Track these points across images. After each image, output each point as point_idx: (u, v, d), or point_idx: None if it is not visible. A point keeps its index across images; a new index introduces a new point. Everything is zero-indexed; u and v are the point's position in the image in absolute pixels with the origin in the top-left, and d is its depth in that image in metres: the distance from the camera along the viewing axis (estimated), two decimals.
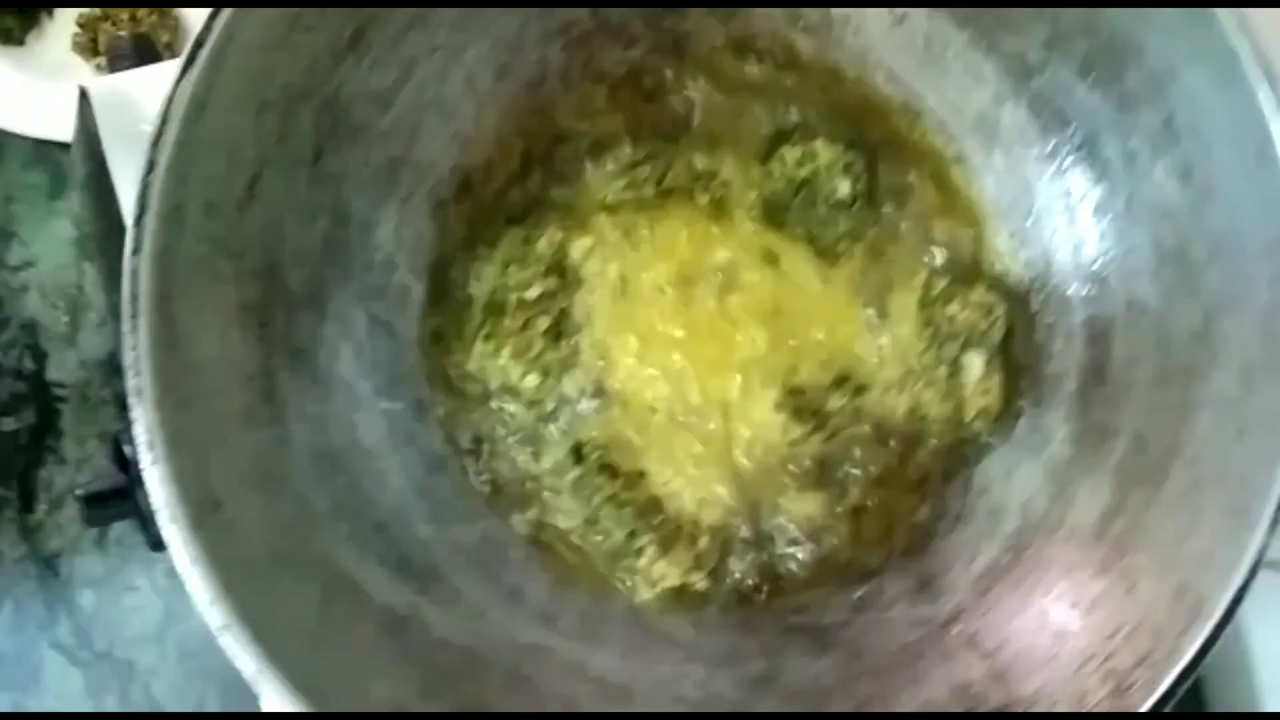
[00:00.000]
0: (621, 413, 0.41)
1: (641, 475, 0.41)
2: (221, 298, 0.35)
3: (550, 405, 0.41)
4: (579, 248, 0.42)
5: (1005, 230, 0.43)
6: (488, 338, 0.41)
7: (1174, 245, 0.39)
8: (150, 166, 0.32)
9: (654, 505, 0.41)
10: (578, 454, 0.41)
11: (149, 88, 0.47)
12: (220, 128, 0.34)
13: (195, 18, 0.61)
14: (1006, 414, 0.42)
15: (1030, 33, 0.40)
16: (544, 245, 0.41)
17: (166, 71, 0.47)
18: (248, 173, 0.36)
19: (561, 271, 0.42)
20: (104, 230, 0.50)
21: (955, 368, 0.42)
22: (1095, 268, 0.41)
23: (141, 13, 0.59)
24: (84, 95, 0.47)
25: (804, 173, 0.42)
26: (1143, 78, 0.38)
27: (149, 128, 0.43)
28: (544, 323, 0.41)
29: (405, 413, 0.40)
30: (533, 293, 0.41)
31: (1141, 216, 0.40)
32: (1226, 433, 0.37)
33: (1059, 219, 0.42)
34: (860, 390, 0.42)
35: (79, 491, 0.47)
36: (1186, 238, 0.38)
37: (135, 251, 0.32)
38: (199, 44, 0.32)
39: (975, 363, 0.42)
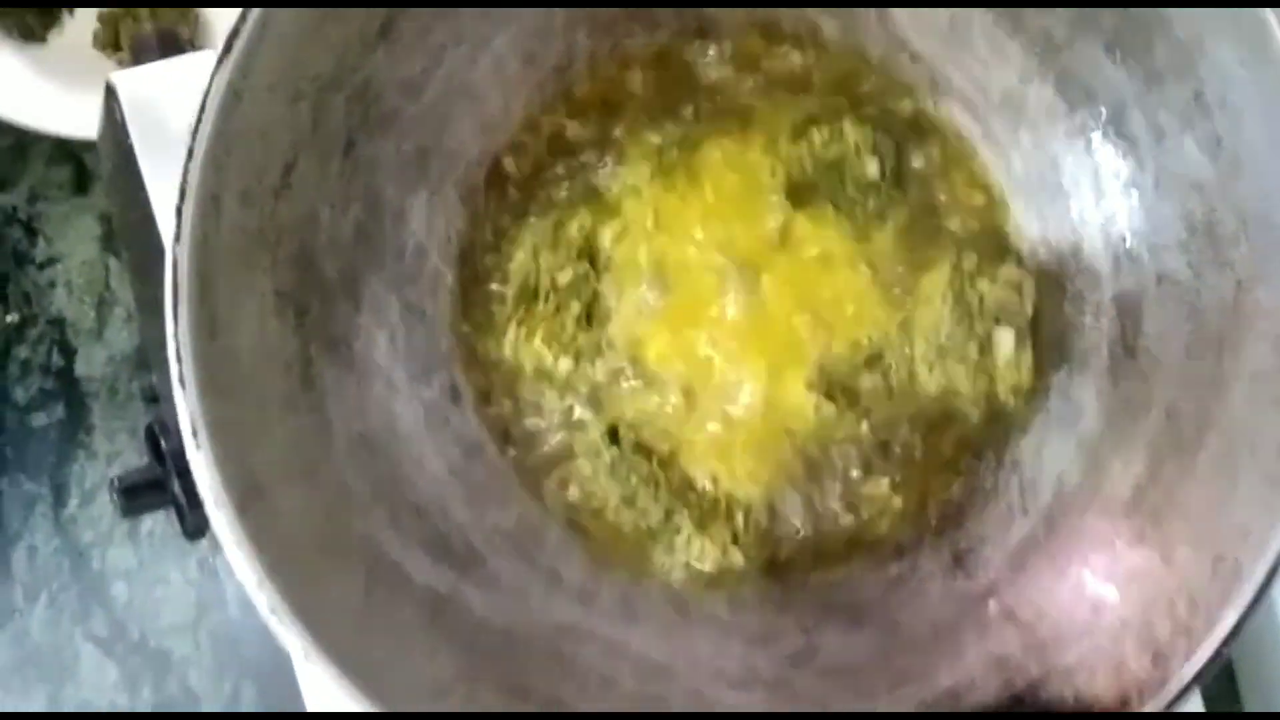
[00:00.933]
0: (656, 394, 0.41)
1: (676, 455, 0.41)
2: (259, 286, 0.36)
3: (584, 389, 0.41)
4: (609, 232, 0.42)
5: (1033, 207, 0.43)
6: (520, 323, 0.41)
7: (1203, 218, 0.39)
8: (190, 155, 0.32)
9: (689, 484, 0.41)
10: (613, 435, 0.41)
11: (174, 79, 0.47)
12: (255, 118, 0.34)
13: (215, 13, 0.61)
14: (1038, 389, 0.42)
15: (1056, 10, 0.40)
16: (574, 230, 0.42)
17: (191, 63, 0.48)
18: (282, 162, 0.36)
19: (592, 256, 0.42)
20: (133, 222, 0.50)
21: (986, 345, 0.42)
22: (1124, 242, 0.41)
23: (161, 9, 0.59)
24: (110, 90, 0.47)
25: (832, 153, 0.42)
26: (1170, 52, 0.38)
27: (175, 119, 0.43)
28: (576, 307, 0.41)
29: (441, 398, 0.41)
30: (564, 277, 0.41)
31: (1170, 190, 0.40)
32: (1261, 403, 0.37)
33: (1087, 195, 0.42)
34: (892, 369, 0.42)
35: (115, 483, 0.48)
36: (1216, 210, 0.38)
37: (177, 239, 0.32)
38: (235, 34, 0.32)
39: (1006, 339, 0.42)
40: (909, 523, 0.42)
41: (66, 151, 0.61)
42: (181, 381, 0.32)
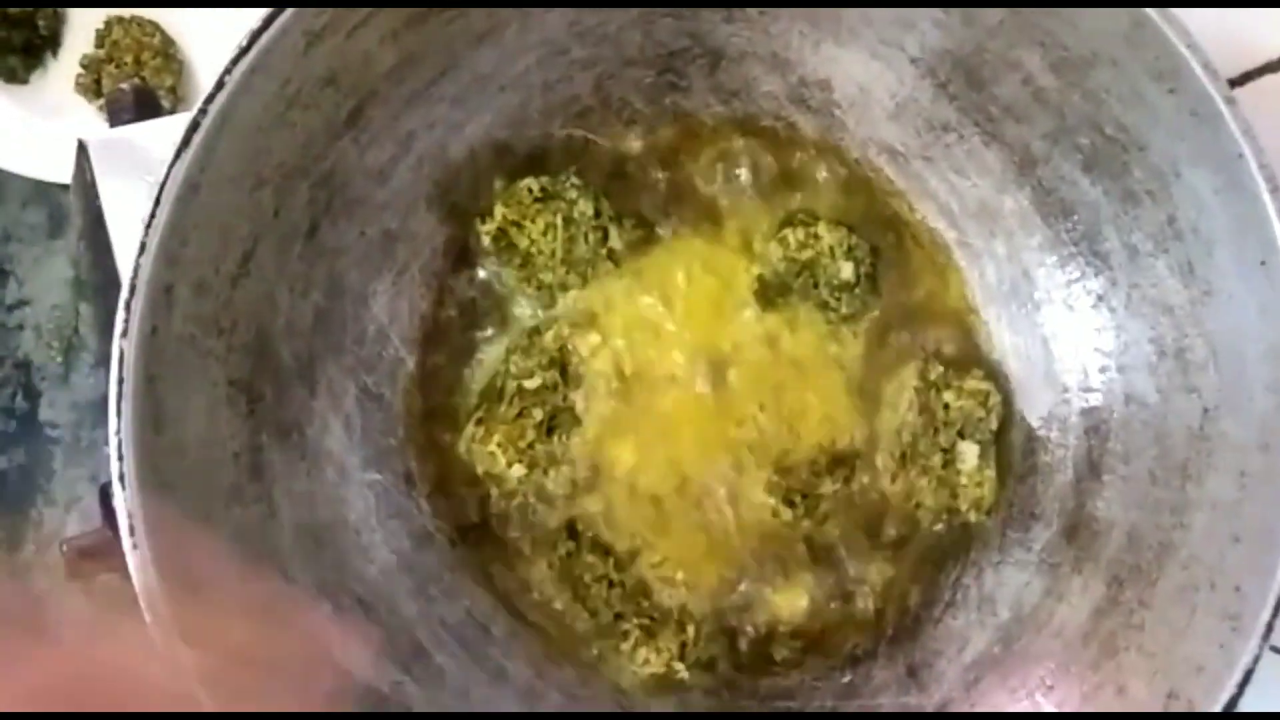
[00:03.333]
0: (616, 494, 0.41)
1: (633, 556, 0.41)
2: (211, 375, 0.35)
3: (531, 498, 0.41)
4: (586, 345, 0.41)
5: (1005, 317, 0.43)
6: (480, 422, 0.40)
7: (1173, 342, 0.39)
8: (141, 249, 0.32)
9: (642, 588, 0.41)
10: (570, 530, 0.41)
11: (148, 141, 0.47)
12: (214, 207, 0.34)
13: (200, 62, 0.61)
14: (1001, 503, 0.42)
15: (1034, 123, 0.39)
16: (551, 339, 0.41)
17: (166, 126, 0.48)
18: (241, 249, 0.35)
19: (564, 367, 0.41)
20: (100, 281, 0.49)
21: (950, 456, 0.41)
22: (1094, 359, 0.41)
23: (145, 56, 0.58)
24: (82, 148, 0.46)
25: (807, 254, 0.42)
26: (1147, 175, 0.38)
27: (147, 180, 0.43)
28: (539, 414, 0.40)
29: (393, 487, 0.40)
30: (533, 383, 0.41)
31: (1141, 311, 0.39)
32: (1221, 536, 0.36)
33: (1058, 308, 0.42)
34: (854, 475, 0.42)
35: (63, 547, 0.47)
36: (1186, 335, 0.38)
37: (123, 334, 0.32)
38: (194, 127, 0.32)
39: (970, 452, 0.41)
40: (865, 631, 0.41)
41: (43, 193, 0.60)
42: (121, 480, 0.32)
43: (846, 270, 0.42)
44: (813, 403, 0.42)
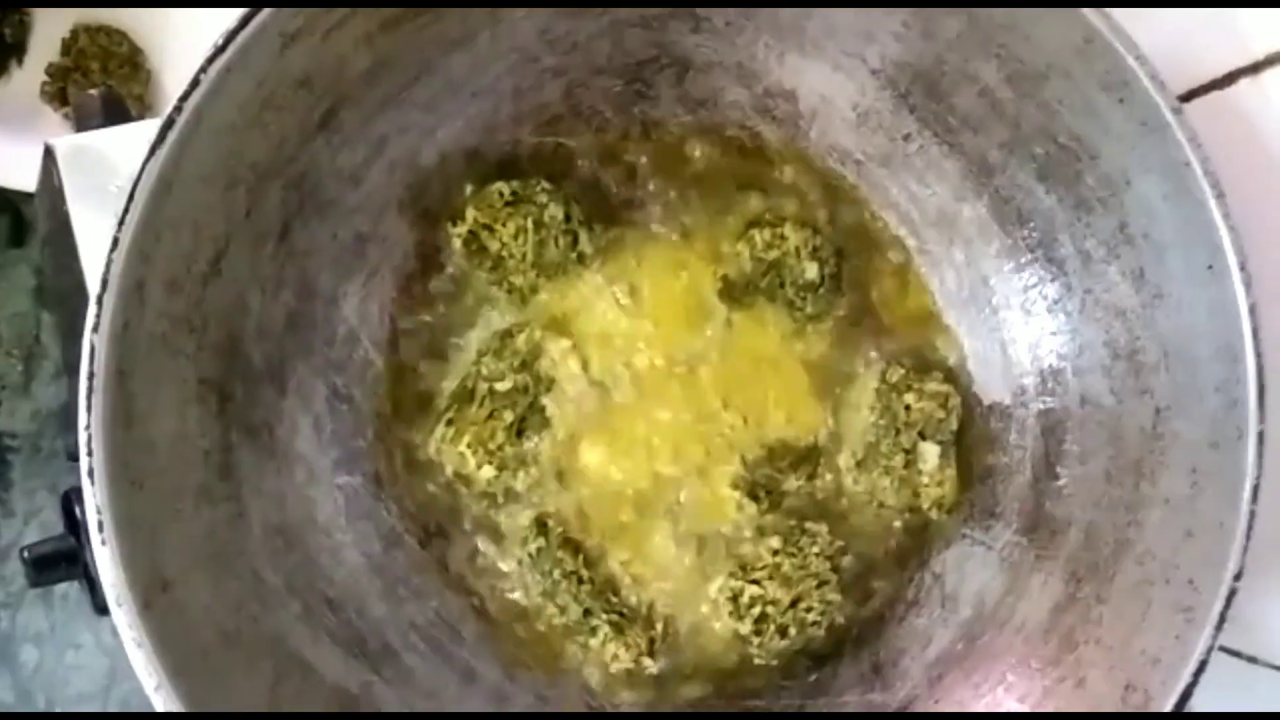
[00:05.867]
0: (585, 492, 0.41)
1: (602, 553, 0.41)
2: (181, 373, 0.35)
3: (500, 499, 0.41)
4: (557, 348, 0.42)
5: (964, 322, 0.44)
6: (450, 422, 0.41)
7: (1126, 345, 0.40)
8: (114, 244, 0.32)
9: (611, 585, 0.41)
10: (540, 526, 0.41)
11: (116, 147, 0.47)
12: (186, 205, 0.34)
13: (168, 71, 0.61)
14: (961, 503, 0.43)
15: (991, 133, 0.41)
16: (523, 342, 0.41)
17: (134, 132, 0.48)
18: (213, 248, 0.36)
19: (535, 369, 0.42)
20: (64, 285, 0.49)
21: (911, 456, 0.42)
22: (1050, 362, 0.42)
23: (113, 64, 0.58)
24: (49, 152, 0.46)
25: (773, 255, 0.43)
26: (1099, 183, 0.39)
27: (115, 186, 0.43)
28: (509, 416, 0.41)
29: (363, 488, 0.40)
30: (504, 385, 0.41)
31: (1095, 315, 0.41)
32: (1175, 532, 0.38)
33: (1015, 313, 0.43)
34: (817, 473, 0.43)
35: (25, 554, 0.46)
36: (1138, 338, 0.39)
37: (95, 329, 0.32)
38: (169, 124, 0.32)
39: (930, 453, 0.42)
40: (830, 630, 0.42)
41: (4, 201, 0.60)
42: (90, 475, 0.31)
43: (811, 270, 0.43)
44: (778, 401, 0.43)
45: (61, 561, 0.45)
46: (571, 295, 0.42)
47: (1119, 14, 0.36)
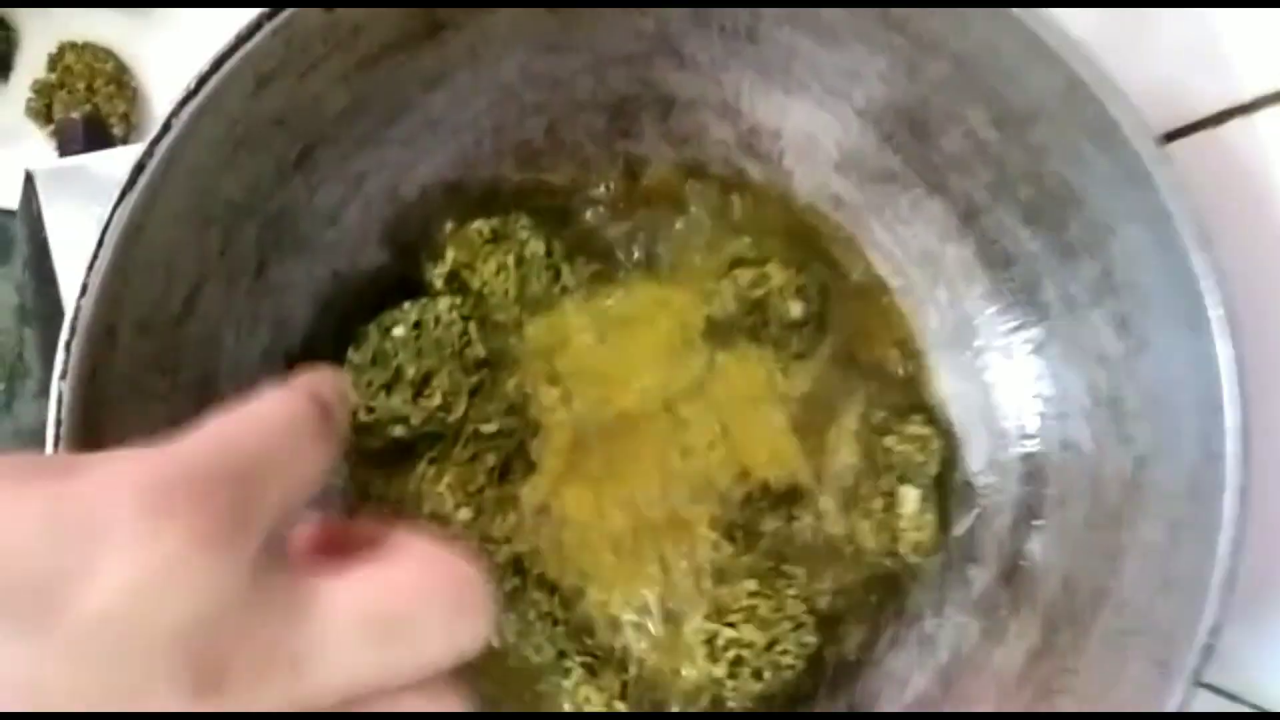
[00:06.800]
0: (564, 535, 0.41)
1: (579, 594, 0.41)
2: (153, 414, 0.35)
3: (475, 540, 0.41)
4: (547, 395, 0.41)
5: (946, 362, 0.43)
6: (432, 461, 0.40)
7: (1108, 391, 0.40)
8: (83, 290, 0.32)
9: (586, 626, 0.41)
10: (517, 566, 0.41)
11: (96, 172, 0.46)
12: (159, 245, 0.34)
13: (155, 90, 0.61)
14: (940, 547, 0.42)
15: (977, 175, 0.40)
16: (511, 387, 0.41)
17: (115, 157, 0.48)
18: (186, 288, 0.35)
19: (524, 414, 0.41)
20: (44, 310, 0.49)
21: (891, 499, 0.42)
22: (1032, 406, 0.42)
23: (99, 82, 0.58)
24: (29, 178, 0.46)
25: (757, 293, 0.43)
26: (1084, 229, 0.39)
27: (95, 211, 0.42)
28: (492, 459, 0.41)
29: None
30: (489, 428, 0.41)
31: (1078, 360, 0.40)
32: (1153, 582, 0.37)
33: (998, 356, 0.42)
34: (796, 515, 0.42)
35: None
36: (1120, 386, 0.39)
37: (62, 375, 0.32)
38: (139, 169, 0.32)
39: (911, 496, 0.42)
40: (806, 673, 0.42)
41: None
42: None
43: (796, 309, 0.43)
44: (759, 440, 0.42)
45: None
46: (555, 332, 0.42)
47: (1109, 55, 0.36)
